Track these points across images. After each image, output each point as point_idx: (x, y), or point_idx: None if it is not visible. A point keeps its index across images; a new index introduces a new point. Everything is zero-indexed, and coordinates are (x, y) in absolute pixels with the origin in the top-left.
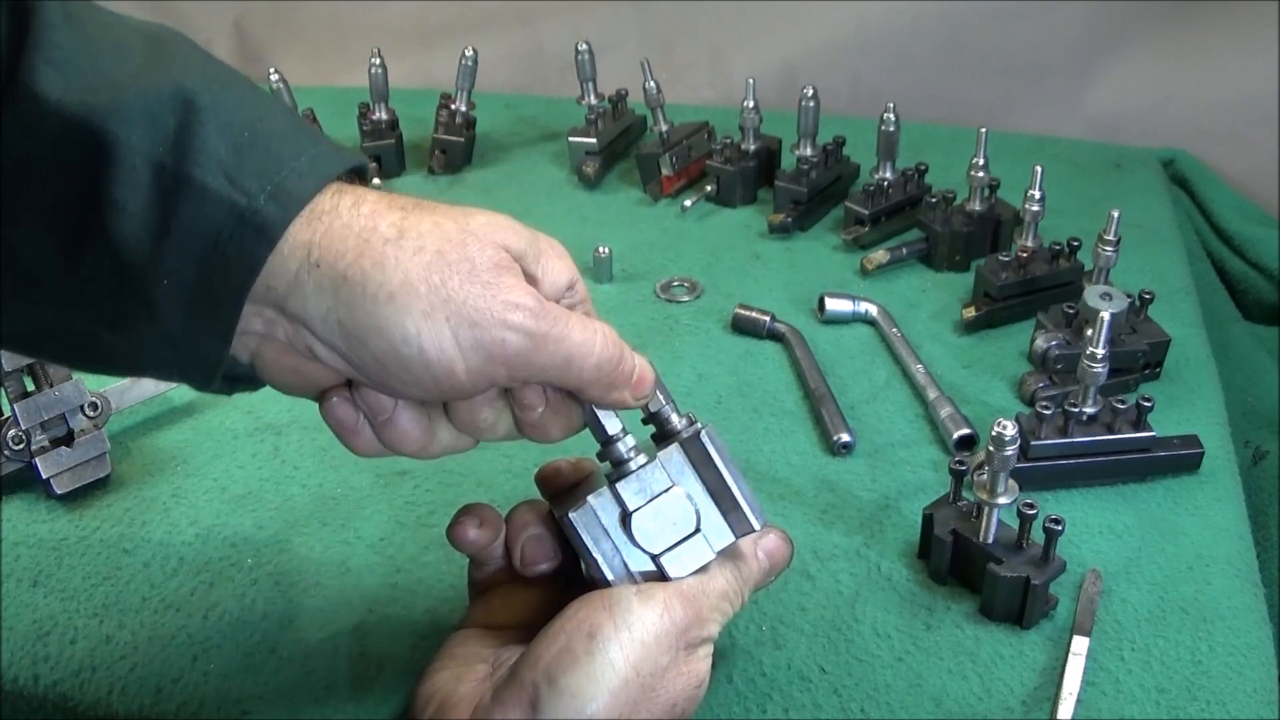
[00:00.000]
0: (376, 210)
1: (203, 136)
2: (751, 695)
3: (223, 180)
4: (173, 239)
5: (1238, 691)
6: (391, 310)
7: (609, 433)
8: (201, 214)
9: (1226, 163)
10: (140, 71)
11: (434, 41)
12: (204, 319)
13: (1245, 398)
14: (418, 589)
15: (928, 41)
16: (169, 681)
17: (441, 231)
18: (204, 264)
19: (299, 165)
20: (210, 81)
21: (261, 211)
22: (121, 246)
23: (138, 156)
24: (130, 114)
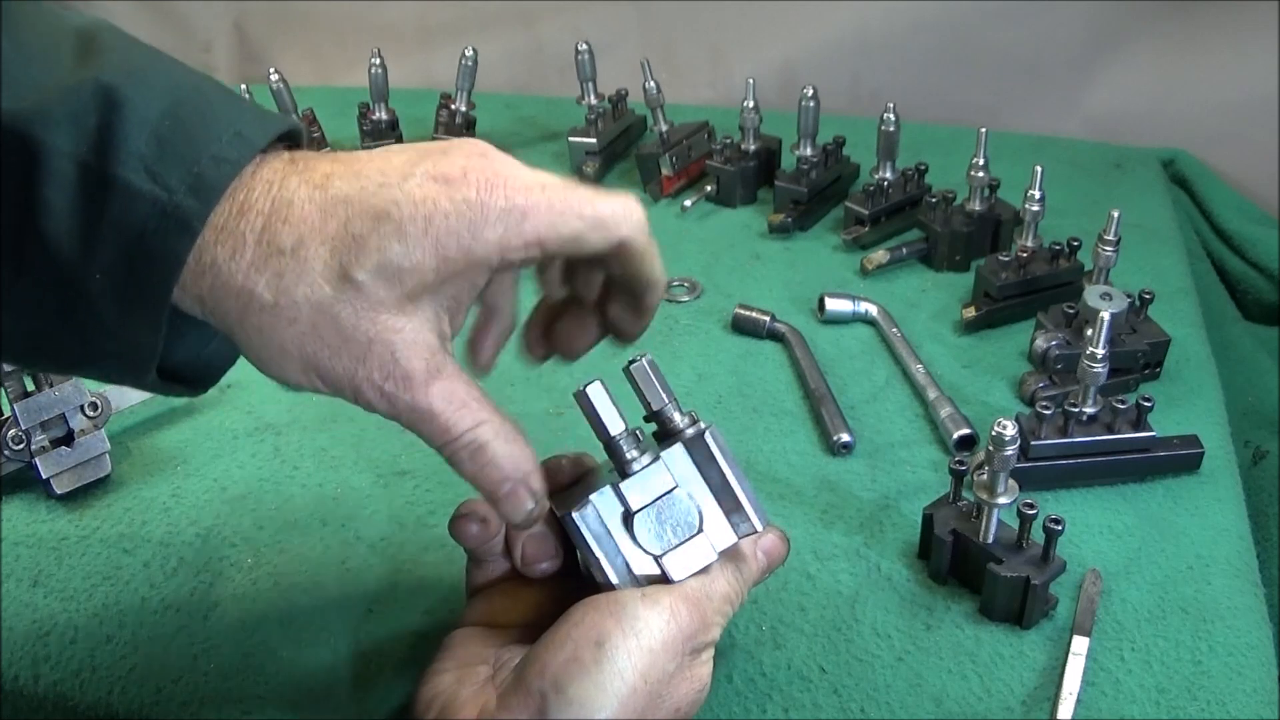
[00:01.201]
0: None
1: (124, 133)
2: (751, 695)
3: (144, 176)
4: (101, 236)
5: (1238, 691)
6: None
7: (611, 432)
8: (126, 211)
9: (1226, 163)
10: (68, 72)
11: (434, 41)
12: (136, 311)
13: (1245, 398)
14: (417, 589)
15: (928, 41)
16: (169, 681)
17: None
18: (132, 259)
19: (217, 150)
20: (133, 71)
21: (182, 206)
22: (52, 245)
23: (62, 159)
24: (54, 117)
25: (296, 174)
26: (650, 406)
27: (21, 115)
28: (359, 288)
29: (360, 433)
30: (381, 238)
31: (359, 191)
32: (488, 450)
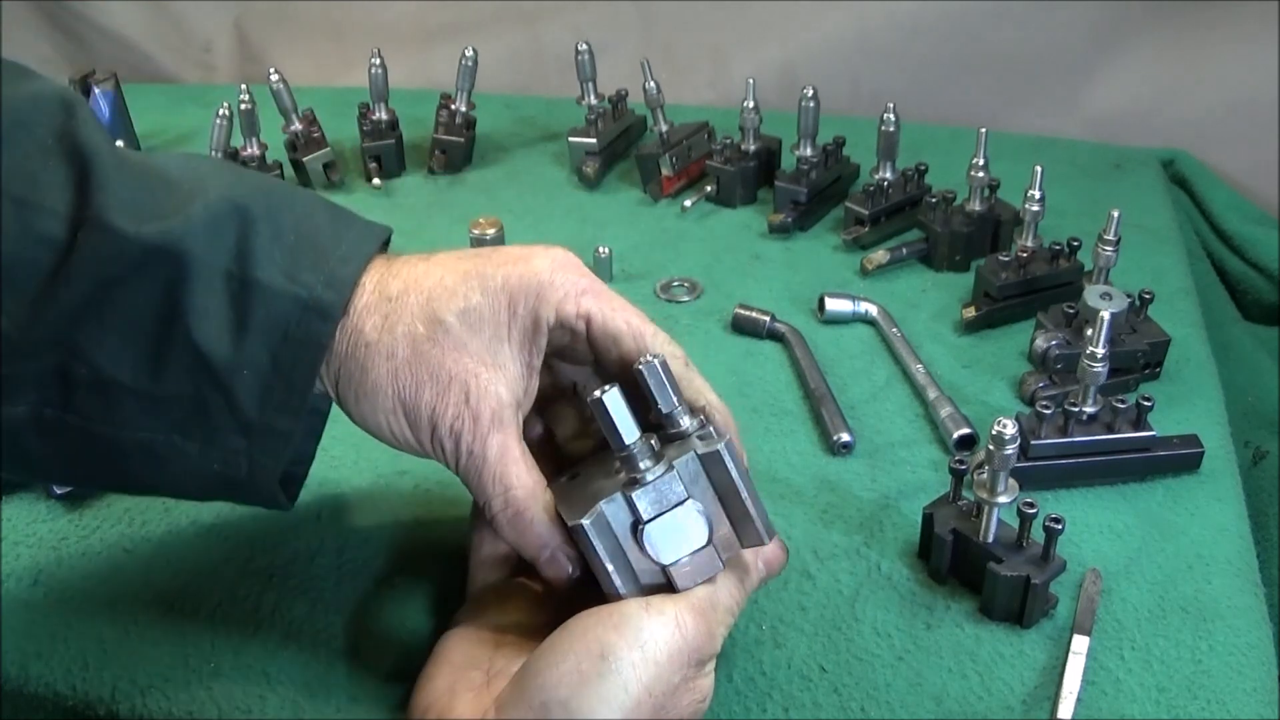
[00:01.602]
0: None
1: (259, 244)
2: (751, 694)
3: (283, 279)
4: (249, 334)
5: (1238, 690)
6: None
7: (626, 441)
8: (271, 309)
9: (1226, 163)
10: (190, 196)
11: (434, 41)
12: (279, 399)
13: (1245, 398)
14: (417, 589)
15: (928, 42)
16: (169, 681)
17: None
18: (277, 351)
19: (341, 253)
20: (252, 191)
21: (322, 299)
22: (206, 347)
23: (209, 269)
24: (198, 233)
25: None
26: (660, 409)
27: (168, 233)
28: (448, 329)
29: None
30: (468, 289)
31: (456, 261)
32: (525, 515)
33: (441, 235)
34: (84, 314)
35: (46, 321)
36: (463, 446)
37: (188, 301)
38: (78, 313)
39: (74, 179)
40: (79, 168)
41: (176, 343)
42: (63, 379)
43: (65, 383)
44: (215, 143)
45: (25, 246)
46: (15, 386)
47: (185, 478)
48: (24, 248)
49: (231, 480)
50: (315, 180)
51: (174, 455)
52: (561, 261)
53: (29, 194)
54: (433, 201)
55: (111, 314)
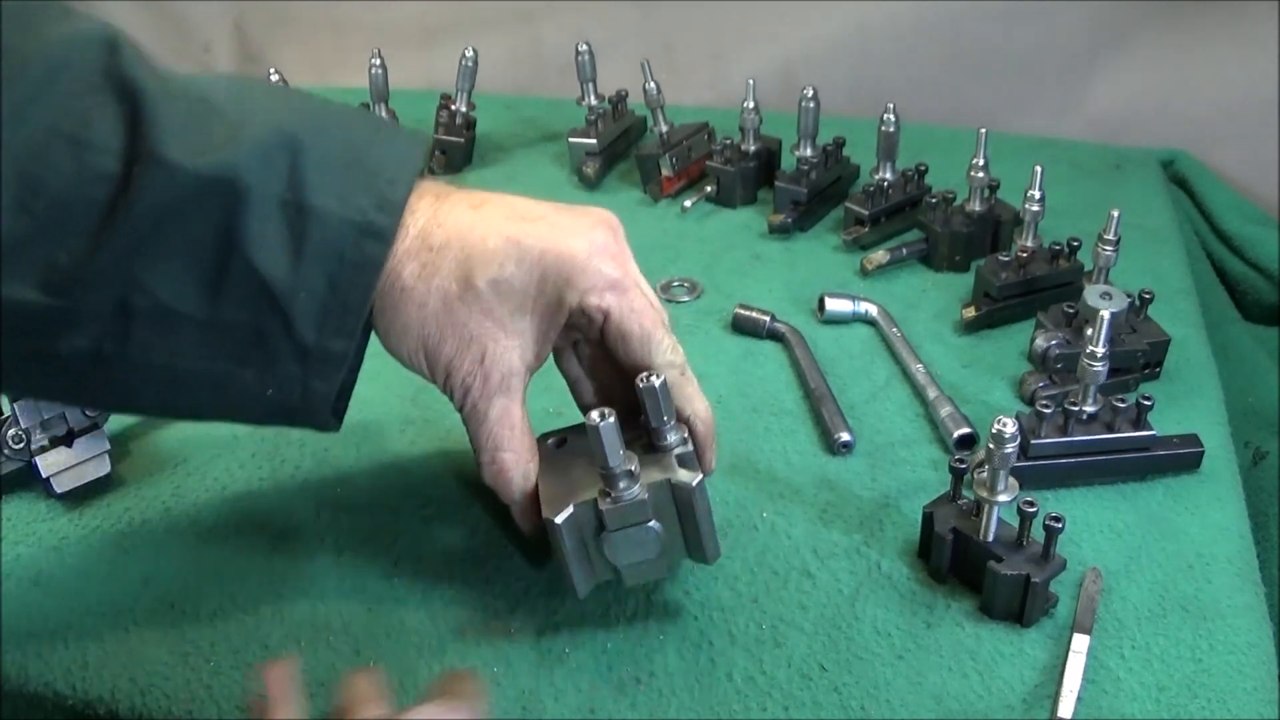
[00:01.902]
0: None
1: (310, 169)
2: (751, 694)
3: (335, 203)
4: (306, 258)
5: (1238, 690)
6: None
7: (610, 464)
8: (326, 233)
9: (1226, 163)
10: (240, 124)
11: (434, 41)
12: (335, 321)
13: (1245, 398)
14: (416, 588)
15: (928, 42)
16: (169, 681)
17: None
18: (333, 274)
19: (389, 175)
20: (298, 115)
21: (375, 222)
22: (265, 271)
23: (264, 196)
24: (251, 162)
25: (458, 194)
26: (650, 422)
27: (223, 164)
28: (478, 294)
29: (361, 432)
30: (505, 257)
31: (503, 220)
32: (505, 475)
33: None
34: (143, 246)
35: (106, 256)
36: (469, 401)
37: (245, 229)
38: (137, 245)
39: (125, 115)
40: (129, 103)
41: (235, 269)
42: (122, 311)
43: (125, 315)
44: None
45: (81, 184)
46: (75, 321)
47: (240, 404)
48: (80, 185)
49: (285, 405)
50: None
51: (230, 383)
52: (600, 246)
53: (81, 132)
54: None
55: (170, 245)
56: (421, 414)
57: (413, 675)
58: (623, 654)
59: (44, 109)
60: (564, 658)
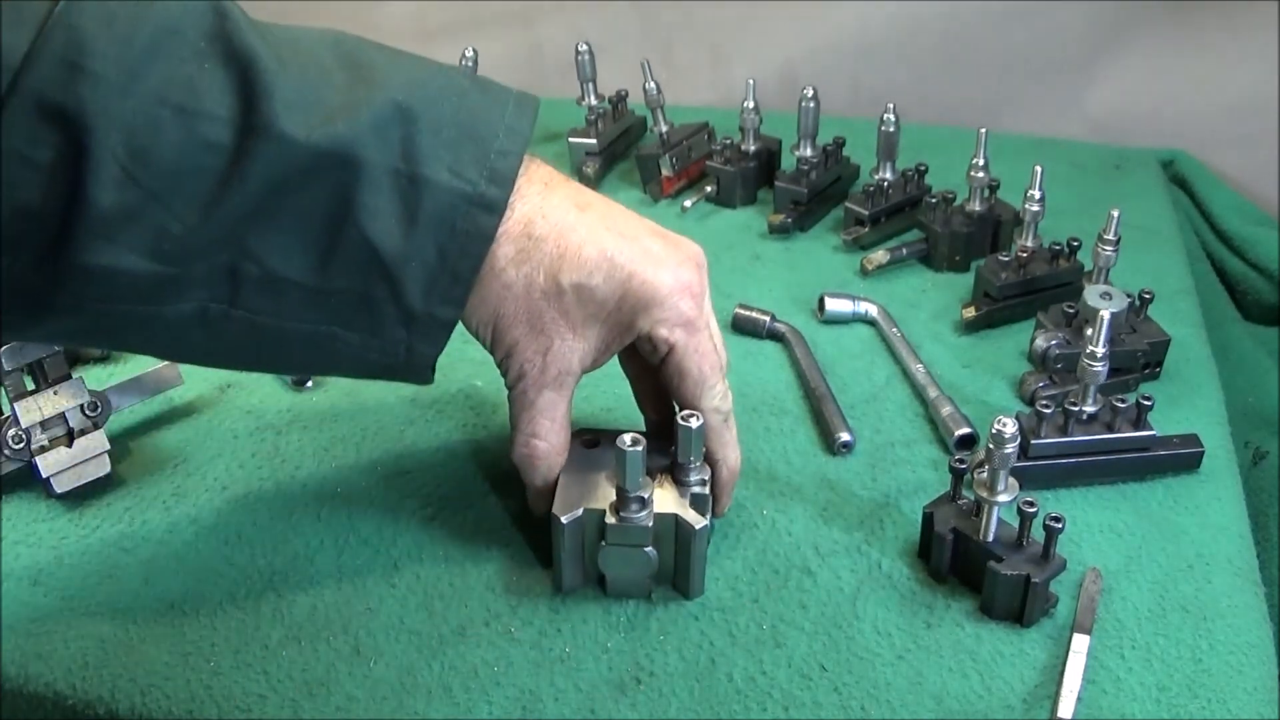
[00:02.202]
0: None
1: (422, 141)
2: (751, 694)
3: (447, 174)
4: (418, 227)
5: (1238, 689)
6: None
7: (627, 488)
8: (438, 204)
9: (1226, 163)
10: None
11: (434, 41)
12: (443, 289)
13: (1245, 398)
14: (417, 588)
15: (928, 42)
16: (168, 681)
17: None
18: (444, 243)
19: (499, 145)
20: (409, 83)
21: (486, 194)
22: (377, 241)
23: (378, 169)
24: (365, 136)
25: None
26: (678, 457)
27: (338, 137)
28: (562, 293)
29: (361, 432)
30: (596, 266)
31: (602, 230)
32: (534, 462)
33: None
34: (255, 217)
35: (217, 224)
36: (522, 385)
37: (359, 201)
38: (249, 216)
39: (234, 83)
40: (238, 71)
41: (347, 239)
42: (231, 277)
43: (234, 280)
44: None
45: (191, 153)
46: (184, 286)
47: (343, 363)
48: (189, 155)
49: (388, 365)
50: None
51: (335, 344)
52: (684, 284)
53: (188, 101)
54: None
55: (283, 216)
56: (422, 414)
57: (412, 675)
58: (623, 654)
59: (152, 77)
60: (564, 658)
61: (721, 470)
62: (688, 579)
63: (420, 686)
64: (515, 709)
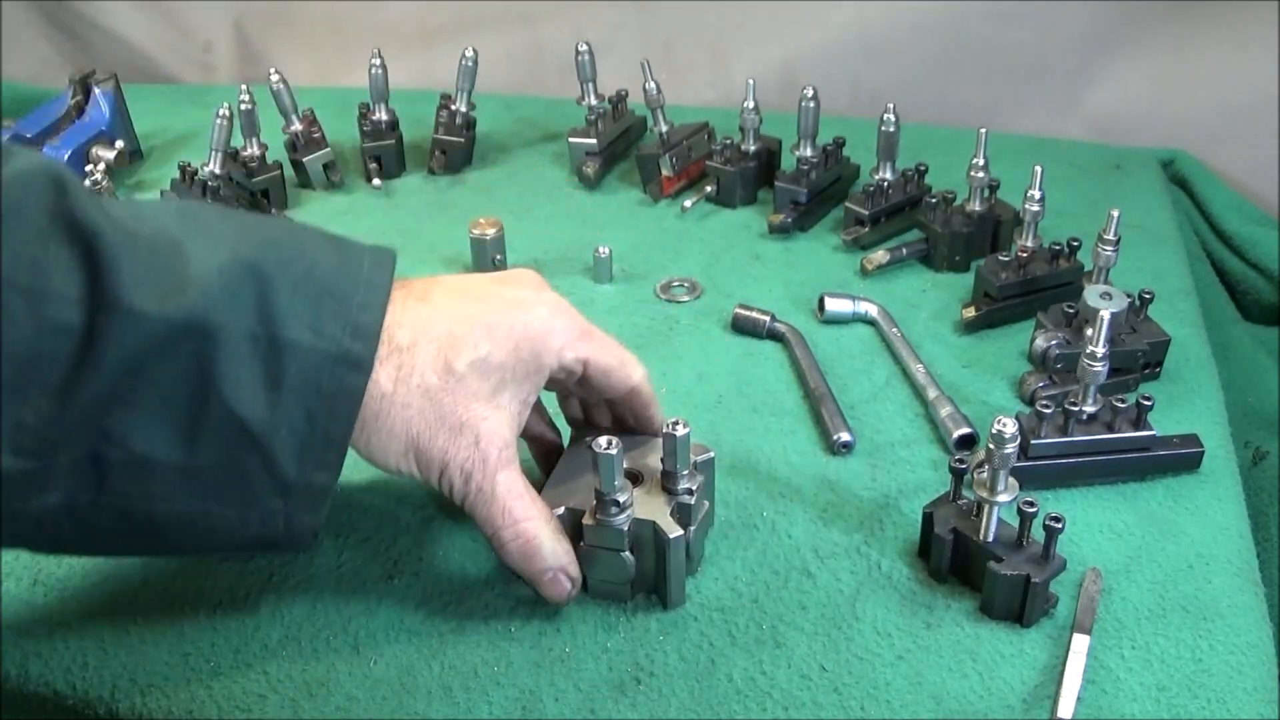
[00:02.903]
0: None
1: (279, 301)
2: (751, 694)
3: (309, 334)
4: (284, 393)
5: (1238, 690)
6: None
7: (603, 490)
8: (301, 366)
9: (1226, 163)
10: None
11: (434, 41)
12: (317, 455)
13: (1245, 398)
14: (416, 588)
15: (928, 42)
16: (169, 681)
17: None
18: (312, 408)
19: (359, 299)
20: (259, 243)
21: (351, 351)
22: (241, 412)
23: (236, 335)
24: (220, 301)
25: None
26: (666, 468)
27: (190, 307)
28: (460, 378)
29: None
30: (477, 338)
31: (457, 305)
32: (534, 543)
33: (442, 235)
34: (114, 399)
35: (75, 411)
36: (472, 485)
37: (219, 371)
38: (107, 399)
39: (80, 260)
40: (83, 247)
41: (211, 412)
42: (96, 464)
43: (99, 468)
44: (215, 143)
45: (42, 338)
46: (47, 479)
47: (222, 541)
48: (41, 340)
49: (267, 538)
50: (315, 180)
51: (211, 522)
52: (556, 307)
53: (34, 282)
54: (433, 202)
55: (142, 395)
56: None
57: (412, 675)
58: (623, 654)
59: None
60: (564, 658)
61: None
62: (667, 588)
63: (420, 686)
64: (515, 709)
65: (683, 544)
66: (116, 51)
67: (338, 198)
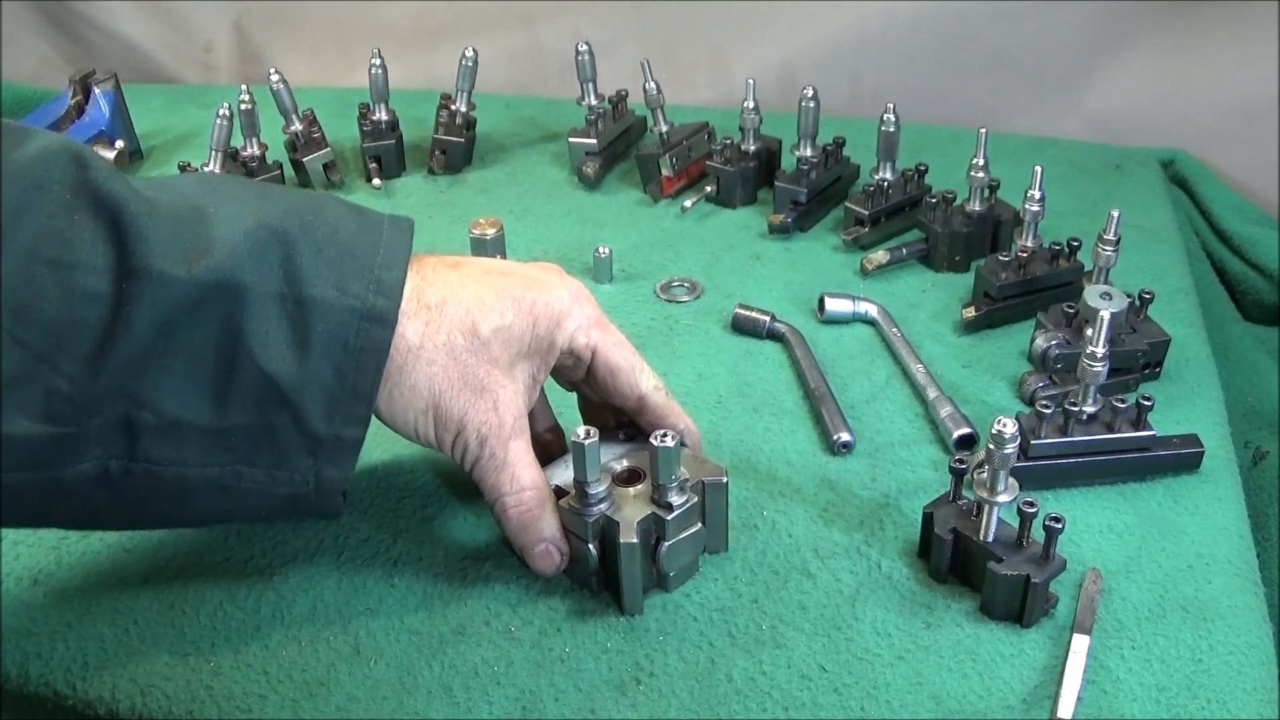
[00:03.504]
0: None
1: (304, 262)
2: (751, 694)
3: (334, 292)
4: (311, 350)
5: (1238, 690)
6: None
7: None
8: (329, 323)
9: (1226, 163)
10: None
11: (434, 41)
12: (345, 409)
13: (1245, 398)
14: (416, 588)
15: (928, 41)
16: (169, 681)
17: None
18: (340, 363)
19: (382, 258)
20: (280, 209)
21: (376, 306)
22: (271, 369)
23: (263, 295)
24: (245, 263)
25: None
26: (658, 480)
27: (218, 268)
28: (485, 342)
29: None
30: (503, 307)
31: (485, 276)
32: (534, 513)
33: (441, 235)
34: (145, 362)
35: (107, 377)
36: (486, 449)
37: (248, 330)
38: (139, 363)
39: (106, 230)
40: (108, 218)
41: (241, 372)
42: (128, 429)
43: (130, 432)
44: (215, 143)
45: (72, 307)
46: (79, 445)
47: (253, 504)
48: (71, 309)
49: (296, 498)
50: (315, 180)
51: (242, 485)
52: (577, 293)
53: (62, 254)
54: (433, 202)
55: (174, 357)
56: None
57: (412, 675)
58: (623, 654)
59: (23, 236)
60: (564, 658)
61: (688, 439)
62: (620, 593)
63: (420, 686)
64: (515, 709)
65: (635, 552)
66: (116, 51)
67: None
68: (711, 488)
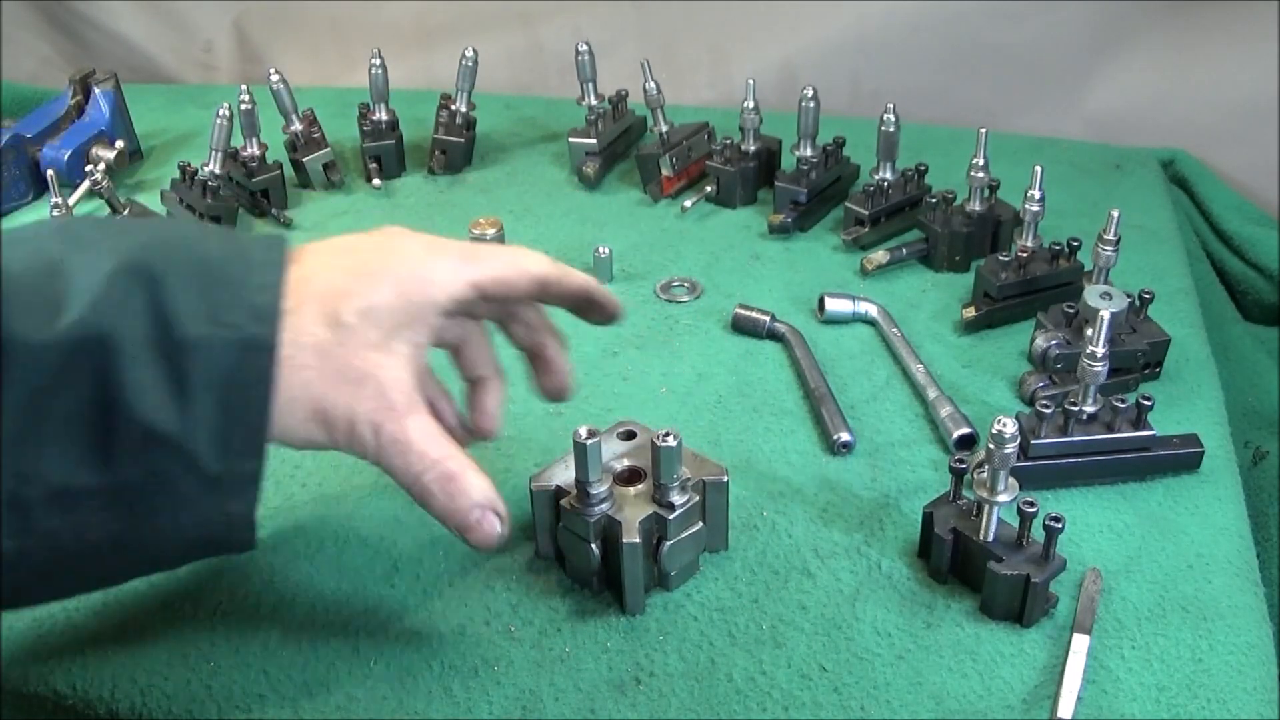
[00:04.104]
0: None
1: (171, 298)
2: (751, 694)
3: (209, 326)
4: (194, 392)
5: (1238, 690)
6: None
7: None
8: (205, 360)
9: (1226, 163)
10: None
11: (434, 41)
12: (239, 444)
13: (1245, 398)
14: (416, 588)
15: (928, 41)
16: (168, 681)
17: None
18: (225, 400)
19: (255, 281)
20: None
21: (254, 335)
22: (153, 419)
23: (133, 342)
24: (108, 311)
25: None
26: (658, 479)
27: (81, 322)
28: (350, 329)
29: None
30: (361, 287)
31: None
32: (458, 479)
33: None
34: (23, 437)
35: None
36: (384, 436)
37: (122, 382)
38: (15, 438)
39: None
40: None
41: (122, 427)
42: (16, 506)
43: (20, 509)
44: (215, 143)
45: None
46: None
47: (166, 553)
48: None
49: (207, 539)
50: (315, 180)
51: (146, 538)
52: (431, 244)
53: None
54: (433, 202)
55: (50, 424)
56: None
57: (412, 675)
58: (623, 654)
59: None
60: (564, 658)
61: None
62: (623, 594)
63: (420, 686)
64: (515, 709)
65: (638, 552)
66: (116, 51)
67: (338, 198)
68: (712, 487)
